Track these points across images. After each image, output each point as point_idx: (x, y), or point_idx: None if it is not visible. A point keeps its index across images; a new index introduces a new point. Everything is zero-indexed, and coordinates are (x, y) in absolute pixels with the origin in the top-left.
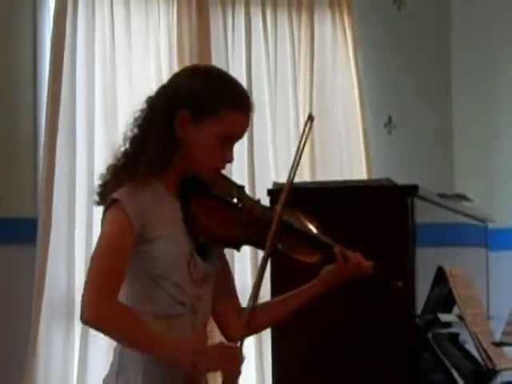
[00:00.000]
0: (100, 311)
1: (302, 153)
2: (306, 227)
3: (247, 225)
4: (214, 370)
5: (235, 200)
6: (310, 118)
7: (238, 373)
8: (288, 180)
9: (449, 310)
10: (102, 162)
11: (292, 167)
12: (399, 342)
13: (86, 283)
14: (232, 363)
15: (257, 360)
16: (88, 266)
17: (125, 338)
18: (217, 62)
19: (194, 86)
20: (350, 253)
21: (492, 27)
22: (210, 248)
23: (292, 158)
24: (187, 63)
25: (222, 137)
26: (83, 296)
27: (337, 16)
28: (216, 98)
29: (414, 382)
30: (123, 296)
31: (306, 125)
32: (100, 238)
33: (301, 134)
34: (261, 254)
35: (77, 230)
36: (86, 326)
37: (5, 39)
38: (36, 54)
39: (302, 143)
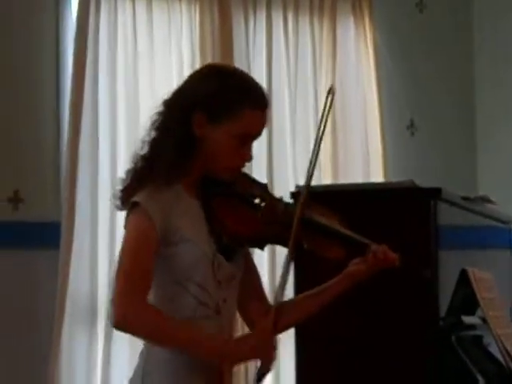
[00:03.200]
0: (131, 315)
1: (323, 132)
2: (331, 222)
3: (270, 223)
4: (254, 358)
5: (257, 199)
6: (332, 91)
7: (274, 358)
8: (309, 170)
9: (472, 313)
10: (124, 165)
11: (313, 153)
12: (423, 345)
13: (115, 288)
14: (268, 350)
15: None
16: (113, 269)
17: (157, 339)
18: (238, 63)
19: (208, 86)
20: (377, 246)
21: None
22: (234, 248)
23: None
24: None
25: (240, 136)
26: (112, 301)
27: (358, 19)
28: (232, 98)
29: None
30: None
31: (327, 98)
32: (125, 242)
33: (323, 108)
34: (279, 250)
35: (100, 233)
36: (109, 329)
37: (27, 40)
38: (58, 57)
39: (325, 116)
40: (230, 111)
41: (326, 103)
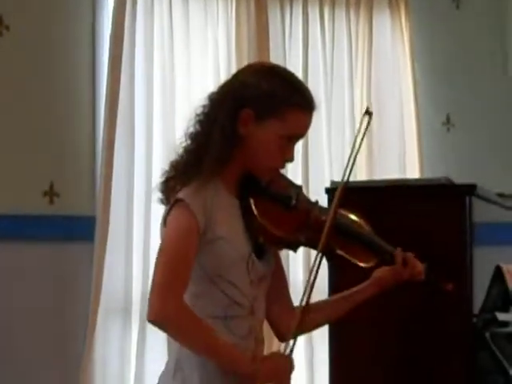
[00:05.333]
0: (166, 312)
1: (358, 150)
2: (363, 230)
3: (304, 227)
4: (269, 381)
5: (293, 201)
6: (368, 113)
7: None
8: (342, 181)
9: (507, 309)
10: (160, 159)
11: (347, 166)
12: (457, 342)
13: (153, 283)
14: (284, 374)
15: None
16: (147, 263)
17: (187, 341)
18: (274, 57)
19: (260, 84)
20: (408, 256)
21: None
22: (266, 247)
23: (347, 157)
24: (245, 60)
25: (285, 136)
26: (150, 295)
27: (395, 14)
28: (282, 99)
29: (471, 382)
30: None
31: (362, 119)
32: (167, 237)
33: (357, 130)
34: (313, 252)
35: (135, 227)
36: (144, 323)
37: (64, 33)
38: (95, 49)
39: (360, 139)
40: (279, 111)
41: (361, 124)
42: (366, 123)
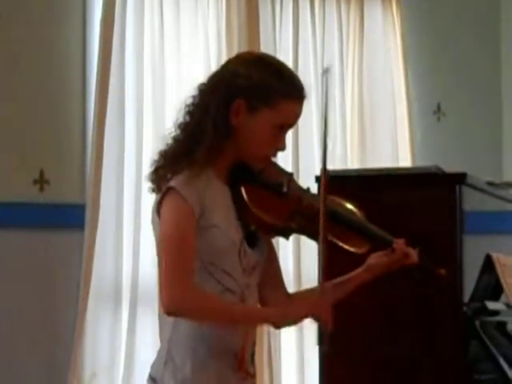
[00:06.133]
0: (183, 301)
1: (326, 117)
2: (355, 216)
3: (296, 214)
4: (312, 314)
5: (285, 189)
6: (326, 70)
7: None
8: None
9: (496, 298)
10: (150, 148)
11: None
12: (447, 330)
13: (163, 274)
14: (326, 308)
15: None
16: (137, 250)
17: (212, 317)
18: (264, 48)
19: (251, 74)
20: (400, 242)
21: None
22: (258, 235)
23: (337, 147)
24: (235, 50)
25: (277, 126)
26: (163, 289)
27: (386, 4)
28: (273, 88)
29: (461, 370)
30: None
31: (322, 78)
32: (165, 227)
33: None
34: (304, 239)
35: (125, 214)
36: (134, 310)
37: (55, 20)
38: (85, 38)
39: (324, 104)
40: (270, 101)
41: (322, 84)
42: (325, 82)
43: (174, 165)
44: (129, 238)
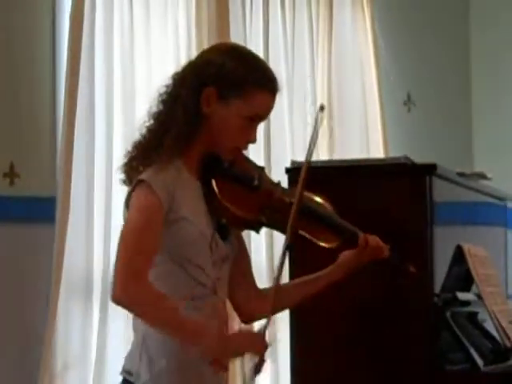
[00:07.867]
0: (130, 291)
1: (315, 143)
2: (326, 211)
3: (267, 207)
4: (241, 354)
5: (256, 182)
6: (321, 108)
7: (263, 359)
8: (303, 169)
9: (467, 289)
10: (120, 140)
11: (307, 155)
12: (418, 321)
13: (117, 263)
14: (258, 348)
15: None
16: (108, 244)
17: (152, 320)
18: (235, 40)
19: (224, 63)
20: (370, 238)
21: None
22: (229, 229)
23: (308, 138)
24: (205, 44)
25: (248, 117)
26: (114, 275)
27: None
28: (245, 78)
29: (431, 361)
30: None
31: (317, 115)
32: (130, 217)
33: (313, 124)
34: (277, 234)
35: (95, 207)
36: (105, 303)
37: (24, 13)
38: (54, 31)
39: (315, 133)
40: (242, 90)
41: (316, 119)
42: (320, 119)
43: (145, 157)
44: (100, 230)
